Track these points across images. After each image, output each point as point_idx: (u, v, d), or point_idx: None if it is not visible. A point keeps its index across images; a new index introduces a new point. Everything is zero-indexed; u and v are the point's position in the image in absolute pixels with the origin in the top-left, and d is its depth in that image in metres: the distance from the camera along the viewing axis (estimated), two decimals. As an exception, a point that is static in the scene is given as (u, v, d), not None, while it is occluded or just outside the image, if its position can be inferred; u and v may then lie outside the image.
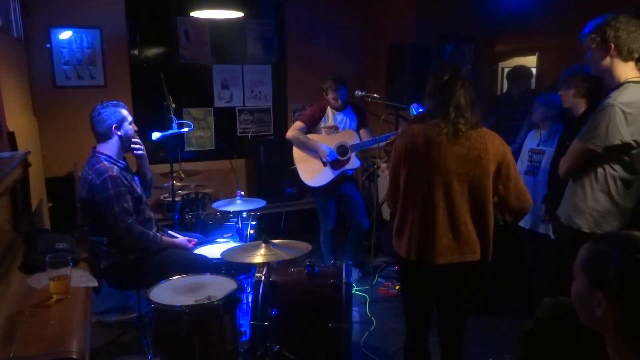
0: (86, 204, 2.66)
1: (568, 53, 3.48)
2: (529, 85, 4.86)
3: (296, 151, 3.97)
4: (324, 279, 2.71)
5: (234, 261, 2.46)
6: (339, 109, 3.96)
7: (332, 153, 3.84)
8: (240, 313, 2.80)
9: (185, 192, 4.31)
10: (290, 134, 3.92)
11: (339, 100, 3.87)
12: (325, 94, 3.91)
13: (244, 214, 3.60)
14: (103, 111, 2.69)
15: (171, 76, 3.70)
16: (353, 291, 3.09)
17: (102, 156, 2.70)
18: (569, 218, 2.43)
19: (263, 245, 2.38)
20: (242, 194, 3.65)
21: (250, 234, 3.52)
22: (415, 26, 5.10)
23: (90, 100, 3.29)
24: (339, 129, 3.94)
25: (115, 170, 2.64)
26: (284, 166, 4.30)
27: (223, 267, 2.88)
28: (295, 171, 3.97)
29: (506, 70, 5.68)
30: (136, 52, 4.93)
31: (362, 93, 3.91)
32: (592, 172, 2.32)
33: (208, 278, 2.55)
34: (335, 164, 3.88)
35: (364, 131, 3.98)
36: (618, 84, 2.22)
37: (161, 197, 4.45)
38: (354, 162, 3.91)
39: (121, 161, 2.79)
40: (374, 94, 3.93)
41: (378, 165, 3.02)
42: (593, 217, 2.34)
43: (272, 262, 2.54)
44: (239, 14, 3.79)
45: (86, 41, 4.63)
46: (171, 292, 2.37)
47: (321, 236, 4.11)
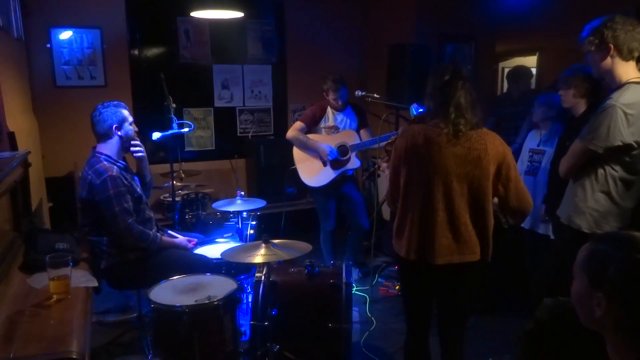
0: (86, 204, 2.67)
1: (568, 53, 3.47)
2: (529, 85, 4.86)
3: (296, 151, 3.97)
4: (324, 279, 2.71)
5: (234, 261, 2.46)
6: (339, 109, 3.96)
7: (332, 151, 3.84)
8: (240, 313, 2.79)
9: (186, 192, 4.31)
10: (291, 134, 3.92)
11: (339, 101, 3.87)
12: (325, 95, 3.91)
13: (244, 214, 3.60)
14: (104, 111, 2.70)
15: (171, 76, 3.70)
16: (353, 291, 3.09)
17: (102, 156, 2.70)
18: (569, 218, 2.43)
19: (263, 245, 2.38)
20: (242, 194, 3.65)
21: (251, 234, 3.52)
22: (415, 26, 5.10)
23: (90, 100, 3.30)
24: (339, 129, 3.94)
25: (115, 170, 2.64)
26: (284, 166, 4.30)
27: (223, 267, 2.88)
28: (296, 171, 3.98)
29: (506, 70, 5.68)
30: (136, 52, 4.93)
31: (362, 93, 3.90)
32: (593, 173, 2.32)
33: (208, 278, 2.55)
34: (336, 164, 3.88)
35: (364, 131, 3.98)
36: (619, 84, 2.22)
37: (161, 197, 4.45)
38: (354, 162, 3.91)
39: (121, 161, 2.79)
40: (374, 94, 3.91)
41: (378, 165, 3.02)
42: (593, 217, 2.34)
43: (272, 262, 2.54)
44: (239, 14, 3.79)
45: (86, 41, 4.63)
46: (171, 292, 2.37)
47: (321, 236, 4.10)
